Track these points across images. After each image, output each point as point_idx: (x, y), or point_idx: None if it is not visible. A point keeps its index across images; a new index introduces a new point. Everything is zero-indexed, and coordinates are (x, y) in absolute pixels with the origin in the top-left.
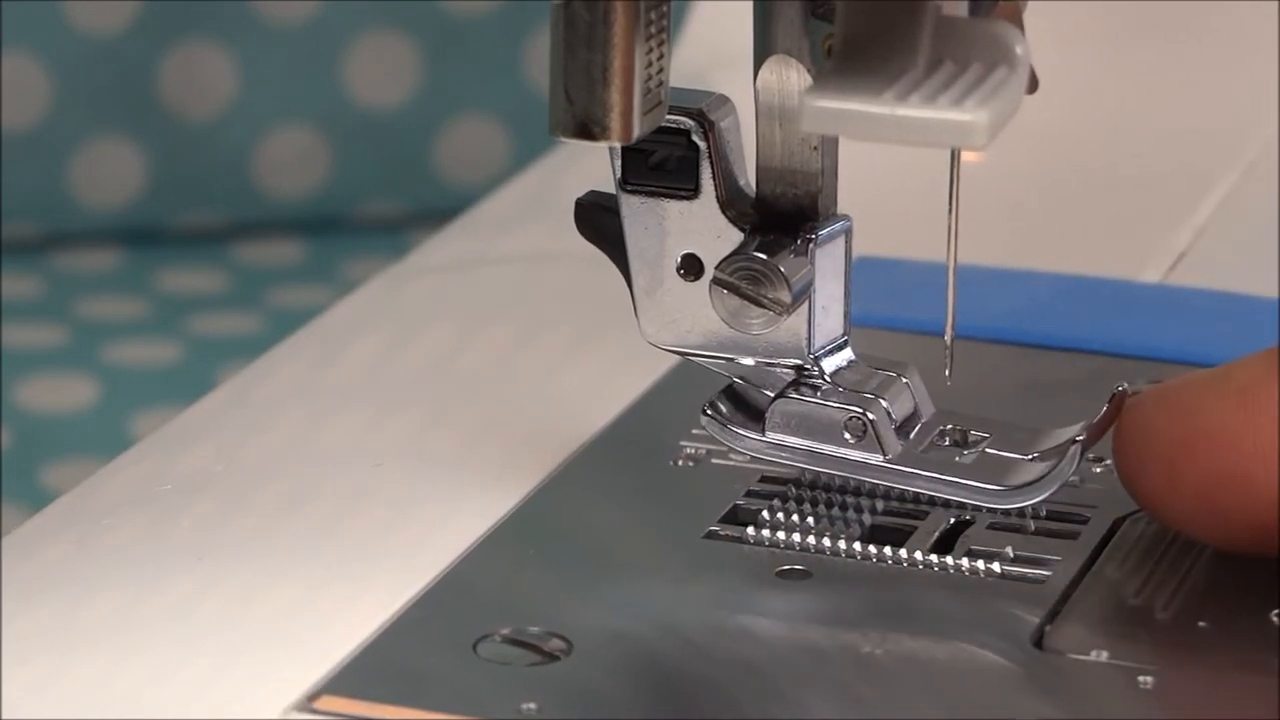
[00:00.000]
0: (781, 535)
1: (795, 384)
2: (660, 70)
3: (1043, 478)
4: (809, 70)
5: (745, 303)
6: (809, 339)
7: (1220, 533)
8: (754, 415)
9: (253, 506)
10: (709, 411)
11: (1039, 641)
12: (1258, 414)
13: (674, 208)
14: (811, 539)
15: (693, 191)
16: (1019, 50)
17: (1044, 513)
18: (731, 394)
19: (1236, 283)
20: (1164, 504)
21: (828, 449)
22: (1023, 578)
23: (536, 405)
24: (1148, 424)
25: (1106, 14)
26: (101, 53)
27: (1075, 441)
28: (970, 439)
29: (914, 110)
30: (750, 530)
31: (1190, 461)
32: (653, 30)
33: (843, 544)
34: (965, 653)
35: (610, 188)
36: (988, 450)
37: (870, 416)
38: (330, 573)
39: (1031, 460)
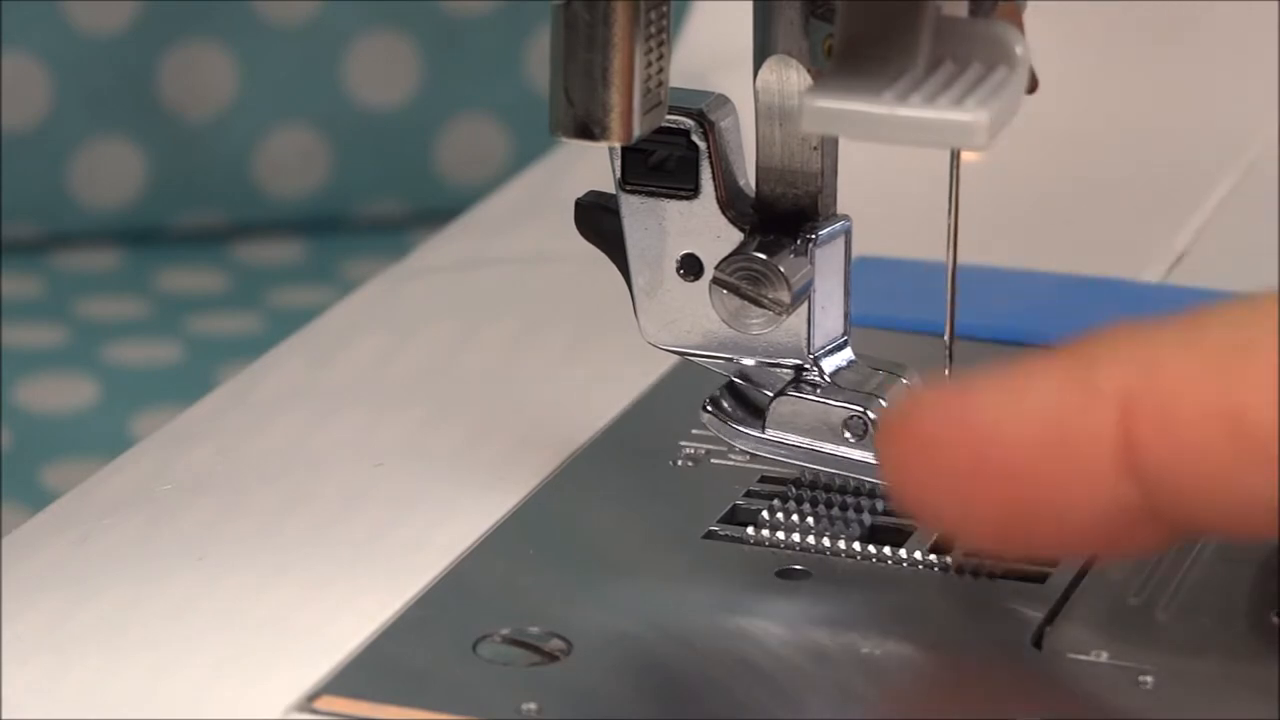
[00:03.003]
0: (781, 535)
1: (794, 382)
2: (660, 70)
3: None
4: (809, 70)
5: (745, 303)
6: (809, 339)
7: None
8: (755, 412)
9: (253, 506)
10: (709, 408)
11: (1039, 641)
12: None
13: (674, 208)
14: (811, 539)
15: (693, 191)
16: (1019, 50)
17: None
18: (733, 390)
19: (1236, 283)
20: (958, 529)
21: (828, 448)
22: (1023, 577)
23: (536, 405)
24: (935, 441)
25: (1106, 14)
26: (101, 53)
27: None
28: None
29: (914, 110)
30: (750, 530)
31: (987, 492)
32: (653, 30)
33: (843, 544)
34: (965, 653)
35: (610, 188)
36: None
37: (871, 415)
38: (330, 573)
39: None
